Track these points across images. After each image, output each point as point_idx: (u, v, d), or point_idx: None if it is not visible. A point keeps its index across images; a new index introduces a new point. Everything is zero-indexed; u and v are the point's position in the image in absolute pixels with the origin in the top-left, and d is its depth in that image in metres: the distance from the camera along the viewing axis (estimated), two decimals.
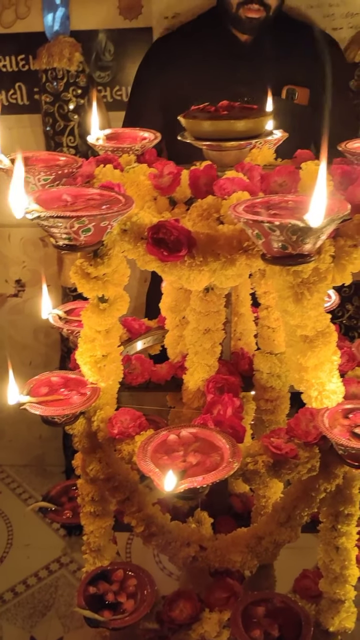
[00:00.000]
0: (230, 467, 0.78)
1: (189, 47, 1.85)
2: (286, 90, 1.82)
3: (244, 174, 0.92)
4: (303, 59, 1.80)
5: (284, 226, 0.62)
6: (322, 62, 1.77)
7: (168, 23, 1.99)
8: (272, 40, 1.76)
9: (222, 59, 1.82)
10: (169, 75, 1.82)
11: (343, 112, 1.86)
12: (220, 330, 1.00)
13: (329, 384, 0.87)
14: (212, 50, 1.84)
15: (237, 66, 1.80)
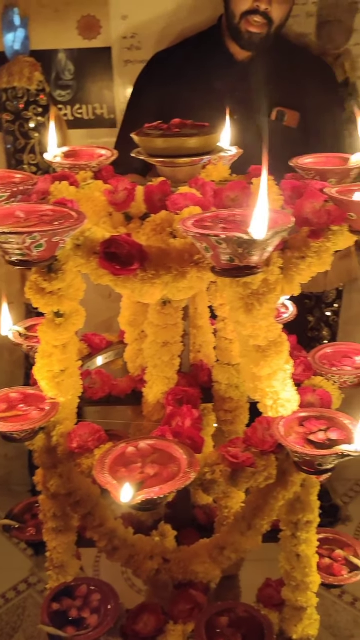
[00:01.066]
0: (187, 477, 0.79)
1: (188, 62, 1.87)
2: (276, 112, 1.86)
3: (197, 189, 0.94)
4: (296, 82, 1.84)
5: (229, 239, 0.64)
6: (313, 86, 1.83)
7: (128, 43, 2.02)
8: (269, 62, 1.81)
9: (219, 76, 1.85)
10: (167, 88, 1.84)
11: (334, 137, 1.91)
12: (179, 342, 1.02)
13: (284, 393, 0.89)
14: (210, 67, 1.87)
15: (232, 85, 1.83)
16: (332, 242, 0.81)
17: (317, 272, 0.86)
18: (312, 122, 1.86)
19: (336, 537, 1.18)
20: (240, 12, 1.76)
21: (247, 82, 1.80)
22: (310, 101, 1.83)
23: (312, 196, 0.84)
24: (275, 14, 1.76)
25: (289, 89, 1.84)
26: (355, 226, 0.84)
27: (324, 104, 1.88)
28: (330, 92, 1.94)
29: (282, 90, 1.83)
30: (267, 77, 1.76)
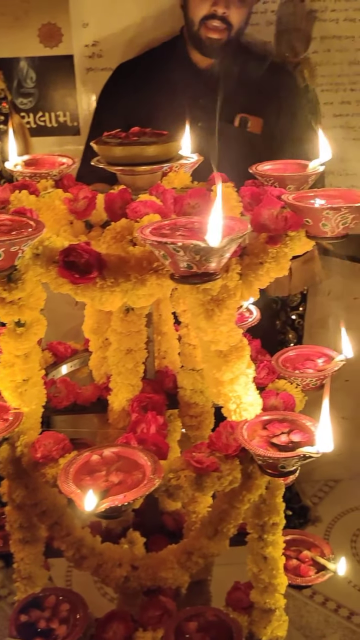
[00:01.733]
0: (151, 484, 0.79)
1: (152, 72, 1.88)
2: (239, 119, 1.88)
3: (157, 197, 0.95)
4: (259, 89, 1.86)
5: (186, 247, 0.65)
6: (275, 92, 1.85)
7: (89, 51, 2.02)
8: (231, 69, 1.82)
9: (183, 85, 1.87)
10: (132, 99, 1.85)
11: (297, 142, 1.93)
12: (143, 349, 1.02)
13: (246, 397, 0.90)
14: (174, 77, 1.88)
15: (196, 93, 1.85)
16: (289, 248, 0.83)
17: (276, 277, 0.87)
18: (275, 128, 1.88)
19: (303, 538, 1.19)
20: (199, 18, 1.78)
21: (211, 90, 1.82)
22: (272, 107, 1.86)
23: (269, 203, 0.85)
24: (233, 18, 1.78)
25: (252, 96, 1.87)
26: (312, 231, 0.85)
27: (286, 110, 1.91)
28: (292, 98, 1.98)
29: (244, 96, 1.86)
30: (230, 84, 1.78)
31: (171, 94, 1.83)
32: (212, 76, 1.87)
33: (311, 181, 1.05)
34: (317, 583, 1.10)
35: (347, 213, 0.81)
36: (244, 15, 1.81)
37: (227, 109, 1.81)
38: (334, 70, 2.10)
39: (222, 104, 1.71)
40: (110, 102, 1.93)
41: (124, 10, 1.99)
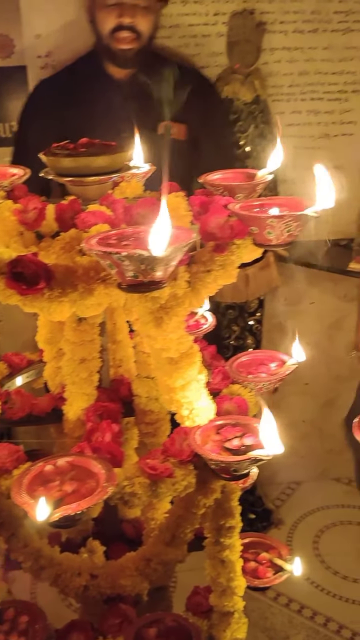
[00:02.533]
0: (104, 492, 0.80)
1: (72, 87, 1.89)
2: (162, 126, 1.90)
3: (107, 207, 0.96)
4: (177, 96, 1.88)
5: (131, 256, 0.66)
6: (195, 99, 1.88)
7: (42, 62, 2.02)
8: (147, 79, 1.84)
9: (103, 97, 1.88)
10: (54, 115, 1.84)
11: (222, 146, 1.97)
12: (96, 358, 1.03)
13: (198, 403, 0.91)
14: (93, 89, 1.89)
15: (116, 104, 1.86)
16: (236, 256, 0.85)
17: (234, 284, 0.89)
18: (200, 133, 1.91)
19: (261, 540, 1.21)
20: (107, 31, 1.80)
21: (131, 100, 1.85)
22: (195, 113, 1.88)
23: (216, 212, 0.87)
24: (141, 26, 1.80)
25: (171, 102, 1.88)
26: (258, 239, 0.88)
27: (209, 115, 1.94)
28: (212, 102, 2.01)
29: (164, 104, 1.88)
30: (149, 92, 1.80)
31: (92, 108, 1.84)
32: (130, 86, 1.89)
33: (259, 190, 1.07)
34: (275, 584, 1.12)
35: (290, 221, 0.84)
36: (152, 22, 1.83)
37: (149, 117, 1.83)
38: (284, 81, 2.15)
39: (143, 113, 1.74)
40: (34, 119, 1.93)
41: (74, 21, 2.00)
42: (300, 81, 2.15)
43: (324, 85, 2.17)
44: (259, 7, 2.04)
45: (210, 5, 2.01)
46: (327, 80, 2.16)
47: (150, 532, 1.18)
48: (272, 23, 2.07)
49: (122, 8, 1.77)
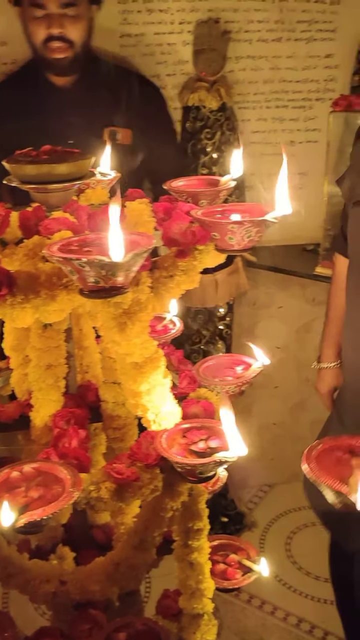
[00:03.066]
0: (70, 497, 0.80)
1: (16, 96, 1.89)
2: (108, 132, 1.91)
3: (71, 213, 0.96)
4: (123, 101, 1.88)
5: (91, 262, 0.67)
6: (139, 103, 1.90)
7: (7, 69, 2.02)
8: (89, 85, 1.85)
9: (47, 105, 1.88)
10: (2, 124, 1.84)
11: (167, 148, 1.99)
12: (63, 364, 1.03)
13: (164, 407, 0.92)
14: (37, 98, 1.90)
15: (60, 111, 1.86)
16: (198, 261, 0.86)
17: (203, 289, 0.91)
18: (146, 137, 1.93)
19: (230, 542, 1.22)
20: (39, 42, 1.81)
21: (75, 107, 1.86)
22: (139, 117, 1.90)
23: (178, 218, 0.89)
24: (72, 35, 1.81)
25: (117, 108, 1.89)
26: (220, 245, 0.89)
27: (155, 119, 1.97)
28: (156, 106, 2.04)
29: (110, 110, 1.89)
30: (93, 99, 1.81)
31: (37, 116, 1.84)
32: (73, 93, 1.90)
33: (223, 196, 1.09)
34: (244, 585, 1.13)
35: (250, 227, 0.86)
36: (83, 29, 1.84)
37: (94, 123, 1.85)
38: (250, 89, 2.19)
39: (88, 120, 1.75)
40: None
41: None
42: (265, 89, 2.19)
43: (289, 93, 2.21)
44: (224, 16, 2.07)
45: (175, 14, 2.04)
46: (292, 88, 2.20)
47: (120, 537, 1.19)
48: (237, 32, 2.10)
49: (50, 19, 1.77)
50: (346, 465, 0.84)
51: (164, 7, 2.02)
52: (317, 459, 0.85)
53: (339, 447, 0.87)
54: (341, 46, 2.17)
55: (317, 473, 0.82)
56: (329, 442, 0.88)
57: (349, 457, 0.86)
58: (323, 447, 0.87)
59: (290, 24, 2.12)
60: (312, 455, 0.85)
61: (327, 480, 0.80)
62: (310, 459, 0.85)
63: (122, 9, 2.01)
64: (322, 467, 0.83)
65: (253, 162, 2.24)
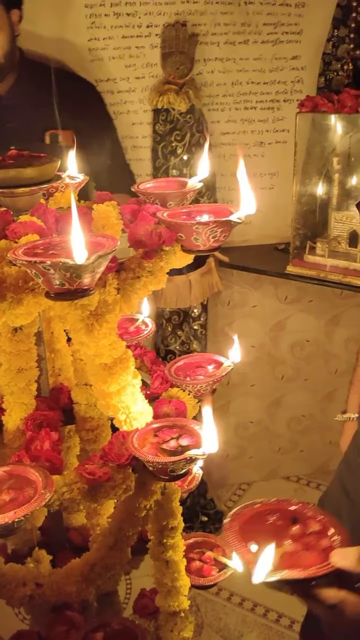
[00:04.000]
0: (42, 498, 0.81)
1: None
2: (49, 135, 1.91)
3: (38, 217, 0.97)
4: (61, 103, 1.88)
5: (55, 265, 0.67)
6: (78, 104, 1.91)
7: None
8: (25, 89, 1.85)
9: None
10: None
11: (107, 147, 2.00)
12: (34, 368, 1.03)
13: (135, 407, 0.93)
14: None
15: (1, 118, 1.87)
16: (164, 262, 0.87)
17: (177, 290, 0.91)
18: (87, 138, 1.93)
19: (205, 539, 1.23)
20: None
21: (13, 113, 1.86)
22: (79, 119, 1.91)
23: (144, 219, 0.89)
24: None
25: (55, 110, 1.89)
26: (186, 245, 0.90)
27: (94, 120, 1.98)
28: (97, 107, 2.05)
29: (49, 113, 1.88)
30: (31, 103, 1.82)
31: None
32: (9, 100, 1.90)
33: (190, 197, 1.10)
34: (219, 581, 1.15)
35: (215, 227, 0.87)
36: (6, 36, 1.84)
37: (35, 127, 1.86)
38: (218, 91, 2.20)
39: (28, 123, 1.75)
40: None
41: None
42: (233, 91, 2.21)
43: (257, 95, 2.23)
44: (190, 19, 2.08)
45: (143, 17, 2.05)
46: (260, 90, 2.23)
47: (95, 539, 1.19)
48: (205, 35, 2.12)
49: None
50: (281, 534, 0.81)
51: (131, 11, 2.03)
52: (249, 521, 0.82)
53: (282, 513, 0.85)
54: (307, 48, 2.20)
55: (232, 534, 0.79)
56: (270, 505, 0.85)
57: (288, 524, 0.83)
58: (258, 510, 0.84)
59: (257, 27, 2.14)
60: (241, 515, 0.82)
61: (236, 542, 0.77)
62: (237, 518, 0.81)
63: (89, 13, 2.02)
64: (249, 529, 0.80)
65: (223, 163, 2.26)
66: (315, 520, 0.83)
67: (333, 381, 2.77)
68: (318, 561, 0.75)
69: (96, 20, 2.03)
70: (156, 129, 2.10)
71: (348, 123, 2.03)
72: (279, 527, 0.83)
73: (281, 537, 0.81)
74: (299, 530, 0.82)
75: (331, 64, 2.24)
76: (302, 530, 0.82)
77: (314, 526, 0.82)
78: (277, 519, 0.84)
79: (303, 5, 2.14)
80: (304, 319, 2.63)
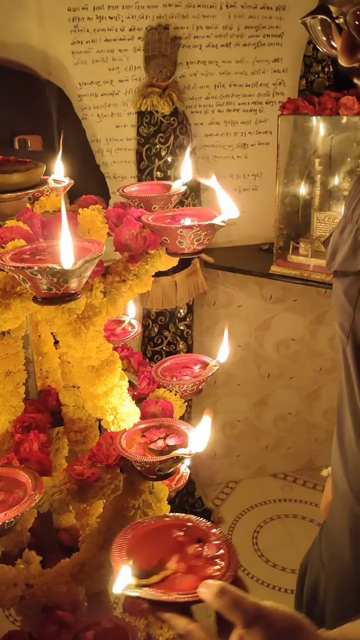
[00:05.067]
0: (32, 499, 0.82)
1: None
2: (17, 141, 1.90)
3: (24, 222, 0.98)
4: (27, 108, 1.90)
5: (42, 270, 0.69)
6: (47, 108, 1.91)
7: None
8: None
9: None
10: None
11: (77, 152, 2.01)
12: (22, 371, 1.04)
13: (122, 408, 0.95)
14: None
15: None
16: (150, 265, 0.89)
17: (164, 291, 0.93)
18: (56, 142, 1.93)
19: None
20: None
21: None
22: (47, 123, 1.91)
23: (129, 224, 0.91)
24: None
25: (22, 116, 1.90)
26: (171, 249, 0.92)
27: (63, 123, 1.97)
28: (65, 111, 2.05)
29: (15, 117, 1.89)
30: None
31: None
32: None
33: (175, 200, 1.12)
34: None
35: (199, 231, 0.89)
36: None
37: (3, 133, 1.86)
38: (201, 93, 2.22)
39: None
40: None
41: None
42: (216, 93, 2.23)
43: (239, 97, 2.25)
44: (173, 22, 2.10)
45: (126, 20, 2.06)
46: (242, 92, 2.25)
47: (85, 539, 1.20)
48: (187, 38, 2.13)
49: None
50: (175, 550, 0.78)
51: (114, 14, 2.05)
52: (152, 531, 0.79)
53: (191, 530, 0.81)
54: (288, 50, 2.23)
55: (120, 541, 0.76)
56: (182, 520, 0.82)
57: (190, 543, 0.80)
58: (167, 523, 0.82)
59: (239, 30, 2.17)
60: (143, 525, 0.81)
61: (116, 551, 0.75)
62: (136, 527, 0.79)
63: (72, 17, 2.03)
64: (147, 539, 0.78)
65: (206, 164, 2.28)
66: (216, 546, 0.79)
67: (318, 379, 2.80)
68: (192, 587, 0.72)
69: (79, 24, 2.04)
70: (140, 131, 2.12)
71: (329, 125, 2.06)
72: (179, 543, 0.80)
73: (172, 553, 0.78)
74: (194, 551, 0.79)
75: (312, 66, 2.26)
76: (198, 553, 0.79)
77: (211, 551, 0.78)
78: (183, 535, 0.81)
79: (284, 8, 2.16)
80: (288, 318, 2.66)
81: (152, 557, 0.77)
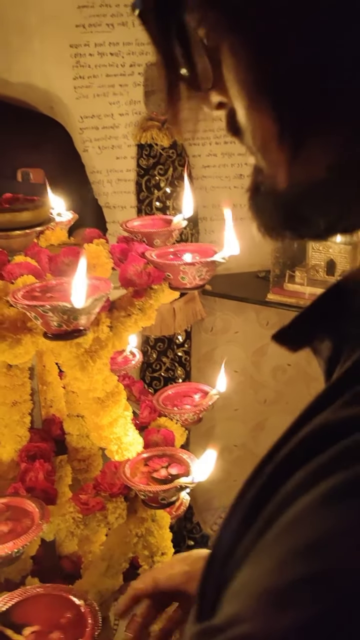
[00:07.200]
0: (39, 529, 0.85)
1: None
2: (20, 174, 1.95)
3: (32, 257, 1.02)
4: (28, 142, 1.94)
5: (54, 308, 0.72)
6: (47, 143, 1.97)
7: None
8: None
9: None
10: None
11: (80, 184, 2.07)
12: (28, 401, 1.07)
13: (126, 437, 0.98)
14: None
15: None
16: (154, 300, 0.93)
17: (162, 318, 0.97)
18: (57, 175, 1.99)
19: None
20: None
21: None
22: (49, 157, 1.96)
23: (133, 260, 0.95)
24: None
25: (24, 149, 1.95)
26: (174, 284, 0.96)
27: (63, 157, 2.04)
28: (65, 145, 2.11)
29: (17, 151, 1.94)
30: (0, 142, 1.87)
31: None
32: None
33: (175, 235, 1.16)
34: None
35: (201, 267, 0.93)
36: None
37: (5, 166, 1.91)
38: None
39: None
40: None
41: None
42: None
43: None
44: None
45: (126, 57, 2.13)
46: None
47: (87, 566, 1.22)
48: None
49: None
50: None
51: (115, 51, 2.11)
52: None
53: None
54: None
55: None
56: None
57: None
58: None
59: None
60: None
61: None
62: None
63: (74, 53, 2.10)
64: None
65: (205, 195, 2.34)
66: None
67: None
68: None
69: (81, 59, 2.11)
70: (140, 163, 2.17)
71: None
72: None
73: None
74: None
75: None
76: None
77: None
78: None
79: None
80: None
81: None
